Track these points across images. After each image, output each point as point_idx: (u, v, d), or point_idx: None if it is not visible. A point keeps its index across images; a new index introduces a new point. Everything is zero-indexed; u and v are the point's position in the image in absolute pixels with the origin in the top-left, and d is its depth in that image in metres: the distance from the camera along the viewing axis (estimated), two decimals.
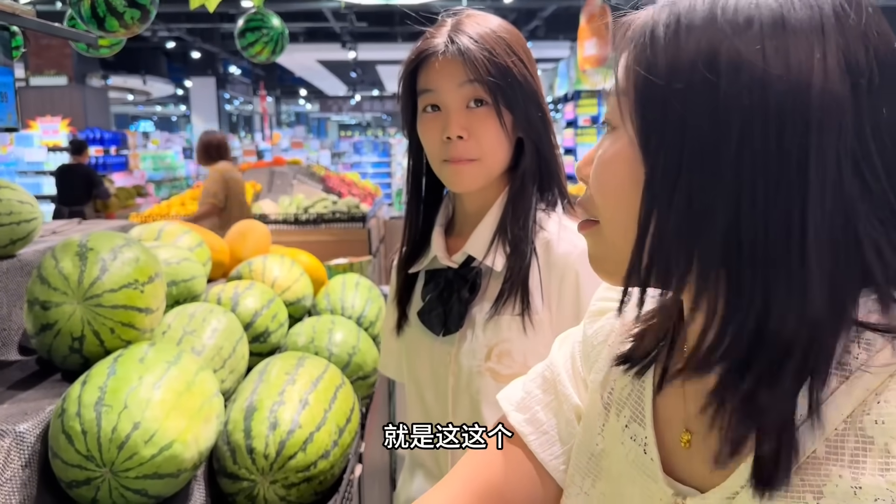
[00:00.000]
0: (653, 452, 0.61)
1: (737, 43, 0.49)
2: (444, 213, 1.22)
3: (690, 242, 0.51)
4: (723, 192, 0.49)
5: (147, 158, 11.91)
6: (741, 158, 0.49)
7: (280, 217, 4.88)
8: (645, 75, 0.53)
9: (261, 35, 2.56)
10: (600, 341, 0.72)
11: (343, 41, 13.61)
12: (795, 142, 0.48)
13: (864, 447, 0.49)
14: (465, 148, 1.07)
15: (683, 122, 0.50)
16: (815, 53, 0.49)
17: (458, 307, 1.13)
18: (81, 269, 1.14)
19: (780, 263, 0.48)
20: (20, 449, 0.98)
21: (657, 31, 0.54)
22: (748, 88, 0.49)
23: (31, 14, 1.82)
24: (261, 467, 1.14)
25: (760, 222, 0.48)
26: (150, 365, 1.06)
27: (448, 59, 1.07)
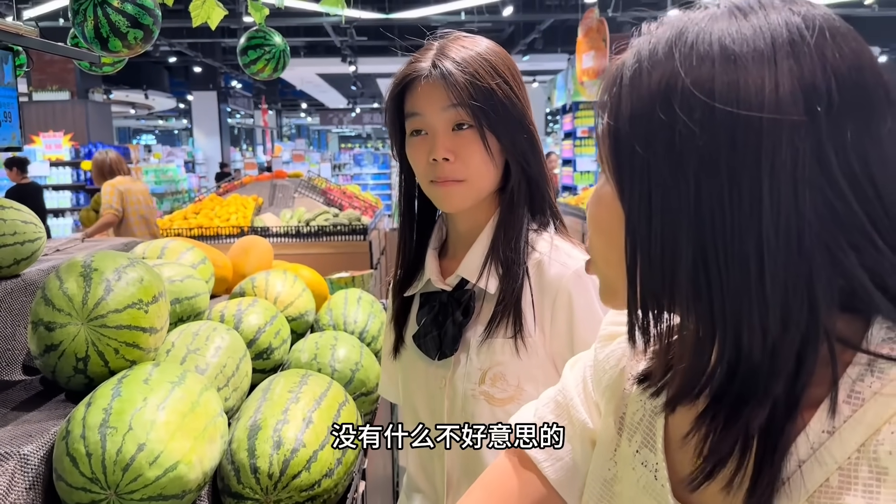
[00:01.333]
0: (663, 478, 0.61)
1: (689, 82, 0.51)
2: (437, 236, 1.21)
3: (668, 278, 0.53)
4: (687, 228, 0.51)
5: (149, 172, 11.93)
6: (699, 195, 0.50)
7: (281, 230, 4.88)
8: (612, 123, 0.55)
9: (263, 52, 2.57)
10: (612, 365, 0.72)
11: (343, 55, 13.67)
12: (747, 174, 0.49)
13: (878, 477, 0.49)
14: (451, 169, 1.07)
15: (647, 165, 0.52)
16: (765, 85, 0.49)
17: (453, 330, 1.13)
18: (86, 290, 1.15)
19: (743, 293, 0.50)
20: (24, 471, 0.99)
21: (623, 76, 0.56)
22: (700, 126, 0.50)
23: (35, 34, 1.84)
24: (265, 486, 1.14)
25: (721, 255, 0.50)
26: (154, 386, 1.07)
27: (431, 83, 1.07)
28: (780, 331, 0.50)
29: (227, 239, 4.56)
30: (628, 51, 0.57)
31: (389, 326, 1.26)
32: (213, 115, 17.86)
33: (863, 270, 0.50)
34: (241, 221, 4.99)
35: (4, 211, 1.36)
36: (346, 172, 15.03)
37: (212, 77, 17.27)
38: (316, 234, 4.85)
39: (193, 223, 4.96)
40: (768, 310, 0.49)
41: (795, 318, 0.50)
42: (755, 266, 0.49)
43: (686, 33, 0.53)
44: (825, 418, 0.52)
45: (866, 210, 0.50)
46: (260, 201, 5.75)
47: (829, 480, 0.50)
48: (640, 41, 0.56)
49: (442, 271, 1.18)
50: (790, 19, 0.51)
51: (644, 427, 0.65)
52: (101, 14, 1.58)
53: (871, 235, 0.50)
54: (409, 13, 10.26)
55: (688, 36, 0.53)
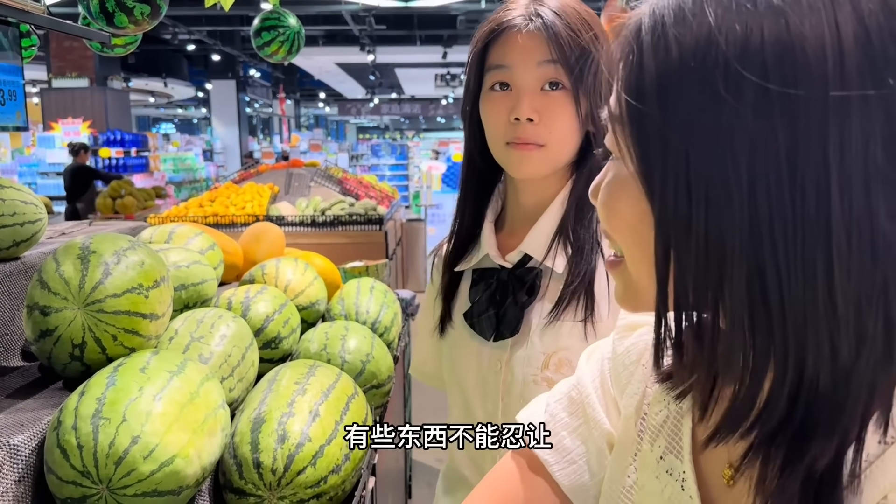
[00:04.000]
0: (692, 489, 0.54)
1: (733, 55, 0.42)
2: (493, 208, 1.13)
3: (714, 284, 0.44)
4: (739, 229, 0.42)
5: (167, 160, 11.99)
6: (754, 190, 0.42)
7: (297, 219, 4.84)
8: (634, 104, 0.46)
9: (277, 34, 2.52)
10: (633, 360, 0.65)
11: (362, 44, 13.61)
12: (812, 164, 0.41)
13: None
14: (534, 131, 0.99)
15: (686, 154, 0.44)
16: (827, 53, 0.41)
17: (514, 311, 1.04)
18: (83, 273, 1.09)
19: (808, 307, 0.42)
20: (14, 463, 0.93)
21: (642, 43, 0.46)
22: (753, 109, 0.41)
23: (42, 11, 1.78)
24: (268, 482, 1.08)
25: (783, 262, 0.42)
26: (151, 375, 1.01)
27: (528, 33, 0.97)
28: (852, 352, 0.42)
29: (241, 227, 4.52)
30: (642, 10, 0.48)
31: (436, 301, 1.18)
32: (232, 104, 17.89)
33: None
34: (257, 210, 4.96)
35: (4, 190, 1.31)
36: (363, 163, 15.00)
37: (231, 66, 17.30)
38: (331, 223, 4.81)
39: (209, 211, 4.94)
40: (839, 327, 0.42)
41: (870, 336, 0.42)
42: (823, 275, 0.41)
43: None
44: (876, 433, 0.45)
45: None
46: (276, 190, 5.72)
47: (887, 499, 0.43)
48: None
49: (500, 247, 1.09)
50: None
51: (668, 430, 0.58)
52: None
53: None
54: (429, 1, 10.16)
55: None
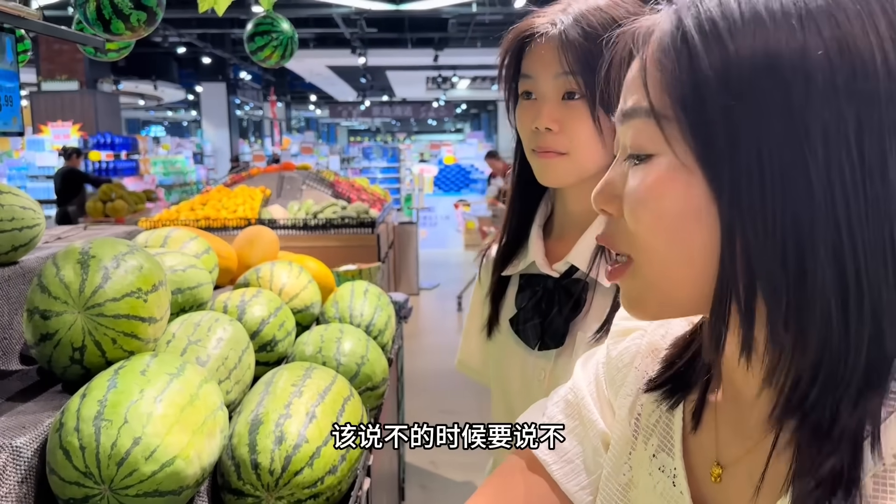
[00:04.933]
0: (682, 485, 0.57)
1: (797, 43, 0.45)
2: (542, 212, 1.13)
3: (793, 273, 0.45)
4: (819, 216, 0.44)
5: (158, 163, 11.95)
6: (830, 176, 0.44)
7: (289, 222, 4.85)
8: (693, 94, 0.47)
9: (270, 39, 2.53)
10: (626, 363, 0.68)
11: (353, 47, 13.62)
12: (875, 150, 0.44)
13: None
14: (554, 140, 1.00)
15: (757, 142, 0.45)
16: (874, 50, 0.44)
17: (559, 322, 1.04)
18: (83, 278, 1.11)
19: (884, 288, 0.44)
20: (17, 464, 0.95)
21: (690, 40, 0.48)
22: (822, 98, 0.44)
23: (37, 17, 1.80)
24: (266, 483, 1.10)
25: (860, 247, 0.44)
26: (151, 377, 1.03)
27: (546, 43, 0.98)
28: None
29: (234, 231, 4.53)
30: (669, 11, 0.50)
31: (485, 301, 1.17)
32: (222, 106, 17.85)
33: None
34: (249, 213, 4.97)
35: (2, 196, 1.33)
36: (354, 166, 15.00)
37: (221, 68, 17.26)
38: (323, 226, 4.82)
39: (200, 214, 4.94)
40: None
41: None
42: (891, 252, 0.44)
43: None
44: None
45: None
46: (268, 193, 5.73)
47: (864, 486, 0.46)
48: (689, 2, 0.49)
49: (547, 253, 1.09)
50: None
51: (660, 429, 0.61)
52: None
53: None
54: (420, 4, 10.20)
55: None
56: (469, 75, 17.88)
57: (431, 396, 4.62)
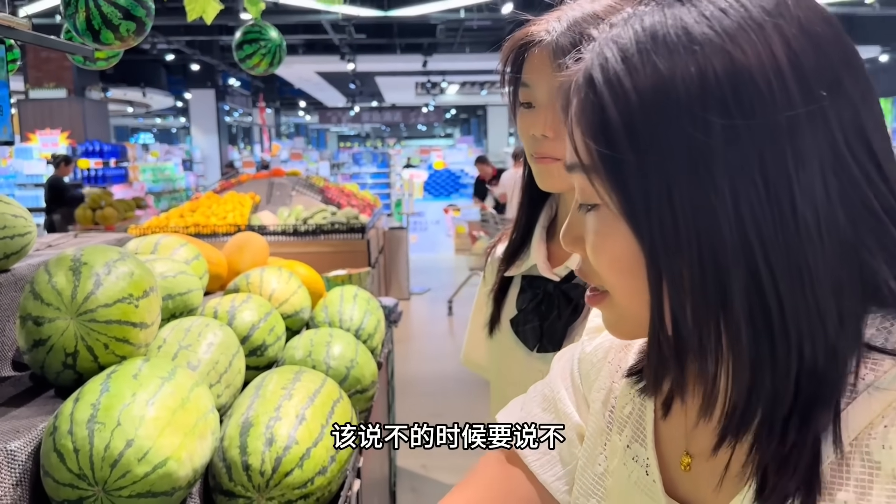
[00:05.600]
0: (654, 473, 0.60)
1: (697, 97, 0.47)
2: (546, 214, 1.14)
3: (714, 304, 0.49)
4: (733, 250, 0.47)
5: (147, 170, 11.92)
6: (739, 211, 0.47)
7: (279, 228, 4.87)
8: (608, 148, 0.50)
9: (258, 47, 2.56)
10: (599, 358, 0.70)
11: (342, 53, 13.64)
12: (781, 180, 0.47)
13: (871, 472, 0.47)
14: (551, 146, 1.01)
15: (668, 189, 0.48)
16: (772, 83, 0.47)
17: (558, 325, 1.05)
18: (75, 284, 1.13)
19: (801, 302, 0.47)
20: (11, 467, 0.97)
21: (601, 94, 0.50)
22: (723, 140, 0.47)
23: (27, 27, 1.81)
24: (257, 484, 1.12)
25: (776, 271, 0.47)
26: (143, 381, 1.05)
27: (540, 52, 0.99)
28: (838, 334, 0.48)
29: (223, 237, 4.54)
30: (588, 61, 0.53)
31: (488, 299, 1.19)
32: (211, 113, 17.81)
33: (887, 269, 0.48)
34: (238, 219, 4.98)
35: None
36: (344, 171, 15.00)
37: (210, 75, 17.24)
38: (313, 232, 4.84)
39: (190, 221, 4.95)
40: (826, 314, 0.47)
41: (847, 319, 0.48)
42: (807, 272, 0.47)
43: (657, 29, 0.50)
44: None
45: (880, 199, 0.49)
46: (257, 199, 5.73)
47: (823, 473, 0.49)
48: (598, 50, 0.52)
49: (550, 256, 1.11)
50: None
51: (634, 421, 0.64)
52: (92, 5, 1.57)
53: (888, 228, 0.49)
54: (408, 10, 10.23)
55: (661, 31, 0.49)
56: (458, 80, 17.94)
57: (422, 400, 4.64)
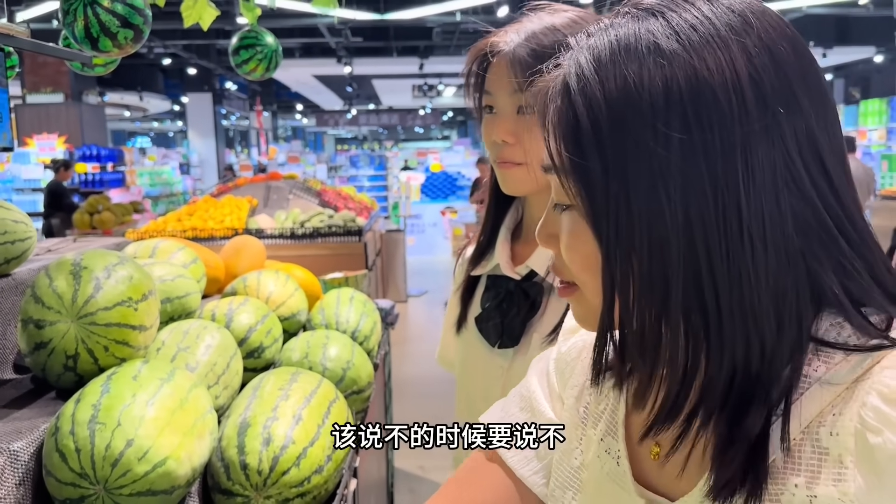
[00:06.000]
0: (625, 464, 0.63)
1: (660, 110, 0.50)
2: (511, 216, 1.19)
3: (658, 305, 0.52)
4: (678, 255, 0.51)
5: (144, 174, 11.93)
6: (688, 217, 0.50)
7: (276, 231, 4.89)
8: (577, 153, 0.53)
9: (255, 52, 2.58)
10: (573, 357, 0.74)
11: (339, 56, 13.68)
12: (731, 192, 0.50)
13: (820, 458, 0.50)
14: (510, 152, 1.06)
15: (626, 196, 0.51)
16: (731, 96, 0.50)
17: (517, 322, 1.10)
18: (75, 288, 1.15)
19: (738, 307, 0.50)
20: (14, 467, 0.99)
21: (574, 101, 0.53)
22: (680, 153, 0.50)
23: (26, 35, 1.84)
24: (255, 483, 1.15)
25: (720, 272, 0.50)
26: (143, 382, 1.07)
27: (499, 62, 1.04)
28: (775, 339, 0.51)
29: (220, 241, 4.56)
30: (565, 67, 0.56)
31: (455, 299, 1.24)
32: (208, 116, 17.84)
33: (834, 276, 0.51)
34: (236, 223, 4.99)
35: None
36: (342, 174, 15.04)
37: (206, 79, 17.26)
38: (311, 235, 4.86)
39: (187, 225, 4.96)
40: (763, 320, 0.50)
41: (787, 324, 0.51)
42: (747, 279, 0.50)
43: (630, 41, 0.52)
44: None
45: (829, 212, 0.52)
46: (255, 203, 5.75)
47: (775, 461, 0.52)
48: (574, 58, 0.55)
49: (514, 256, 1.15)
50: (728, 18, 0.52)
51: (607, 416, 0.67)
52: (91, 14, 1.59)
53: (837, 239, 0.52)
54: (404, 14, 10.27)
55: (633, 44, 0.52)
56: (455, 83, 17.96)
57: (419, 402, 4.66)
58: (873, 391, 0.49)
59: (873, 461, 0.48)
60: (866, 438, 0.48)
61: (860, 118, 11.54)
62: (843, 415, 0.50)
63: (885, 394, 0.48)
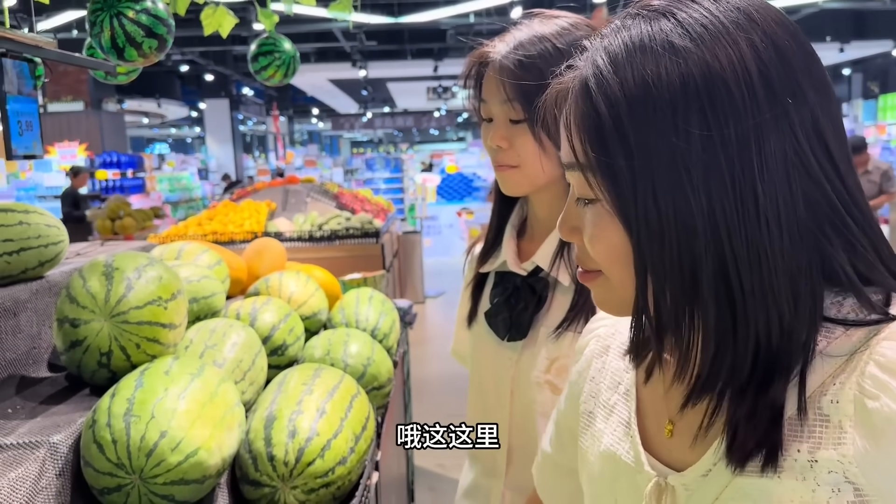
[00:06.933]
0: (637, 445, 0.66)
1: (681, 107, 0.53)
2: (517, 214, 1.23)
3: (689, 288, 0.55)
4: (705, 241, 0.53)
5: (163, 180, 12.08)
6: (712, 206, 0.53)
7: (295, 234, 4.94)
8: (601, 148, 0.56)
9: (273, 59, 2.64)
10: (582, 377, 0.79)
11: (353, 60, 13.76)
12: (747, 178, 0.53)
13: (821, 424, 0.54)
14: (505, 156, 1.10)
15: (653, 188, 0.54)
16: (743, 90, 0.53)
17: (524, 316, 1.14)
18: (108, 288, 1.20)
19: (759, 287, 0.53)
20: (54, 459, 1.04)
21: (596, 101, 0.56)
22: (701, 145, 0.53)
23: (53, 45, 1.90)
24: (281, 474, 1.19)
25: (742, 255, 0.53)
26: (174, 377, 1.12)
27: (491, 72, 1.08)
28: (793, 314, 0.54)
29: (241, 244, 4.62)
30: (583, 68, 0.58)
31: (465, 295, 1.29)
32: (226, 122, 18.00)
33: (843, 254, 0.54)
34: (255, 227, 5.05)
35: (29, 215, 1.42)
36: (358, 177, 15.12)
37: (223, 85, 17.42)
38: (328, 237, 4.90)
39: (208, 229, 5.03)
40: (781, 296, 0.54)
41: (802, 300, 0.54)
42: (766, 259, 0.53)
43: (645, 41, 0.55)
44: None
45: (837, 194, 0.55)
46: (273, 206, 5.81)
47: (784, 426, 0.55)
48: (591, 59, 0.58)
49: (520, 253, 1.20)
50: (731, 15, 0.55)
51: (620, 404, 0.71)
52: (117, 25, 1.65)
53: (844, 219, 0.55)
54: (419, 16, 10.32)
55: (648, 43, 0.55)
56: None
57: (438, 401, 4.70)
58: (871, 361, 0.52)
59: (871, 424, 0.51)
60: (864, 404, 0.52)
61: (879, 113, 11.43)
62: (844, 384, 0.53)
63: (883, 363, 0.52)
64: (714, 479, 0.58)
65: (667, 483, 0.62)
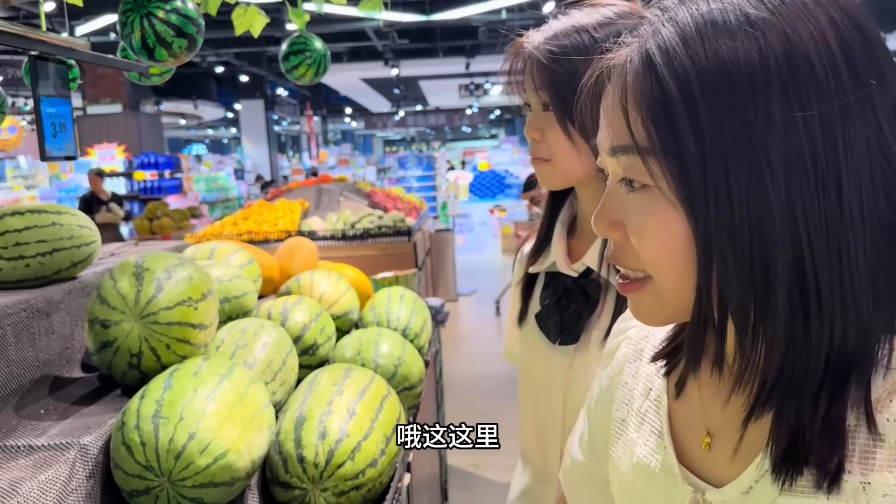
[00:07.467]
0: (671, 457, 0.63)
1: (761, 86, 0.48)
2: (566, 211, 1.20)
3: (759, 285, 0.50)
4: (781, 233, 0.49)
5: (200, 181, 12.25)
6: (791, 196, 0.48)
7: (328, 233, 4.96)
8: (668, 129, 0.51)
9: (304, 58, 2.63)
10: (614, 383, 0.75)
11: (385, 59, 13.80)
12: (830, 167, 0.48)
13: (875, 444, 0.50)
14: (538, 148, 1.08)
15: (725, 173, 0.49)
16: (828, 74, 0.48)
17: (576, 320, 1.10)
18: (138, 289, 1.20)
19: (837, 284, 0.49)
20: (84, 461, 1.04)
21: (662, 77, 0.51)
22: (783, 127, 0.48)
23: (87, 48, 1.92)
24: (311, 476, 1.18)
25: (820, 251, 0.49)
26: (204, 378, 1.11)
27: (527, 61, 1.07)
28: (871, 313, 0.49)
29: (275, 243, 4.65)
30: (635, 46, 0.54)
31: (515, 294, 1.25)
32: (261, 123, 18.20)
33: None
34: (289, 225, 5.09)
35: (62, 216, 1.43)
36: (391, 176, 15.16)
37: (258, 86, 17.61)
38: (361, 236, 4.92)
39: (243, 228, 5.08)
40: (861, 296, 0.49)
41: (882, 298, 0.50)
42: (846, 255, 0.49)
43: (715, 14, 0.50)
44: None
45: None
46: (307, 205, 5.85)
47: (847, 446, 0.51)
48: (653, 31, 0.53)
49: (570, 252, 1.16)
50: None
51: (651, 415, 0.67)
52: (147, 25, 1.65)
53: None
54: (450, 14, 10.30)
55: (720, 17, 0.50)
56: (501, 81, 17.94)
57: (471, 399, 4.68)
58: None
59: None
60: None
61: None
62: None
63: None
64: (757, 497, 0.54)
65: (705, 499, 0.58)
